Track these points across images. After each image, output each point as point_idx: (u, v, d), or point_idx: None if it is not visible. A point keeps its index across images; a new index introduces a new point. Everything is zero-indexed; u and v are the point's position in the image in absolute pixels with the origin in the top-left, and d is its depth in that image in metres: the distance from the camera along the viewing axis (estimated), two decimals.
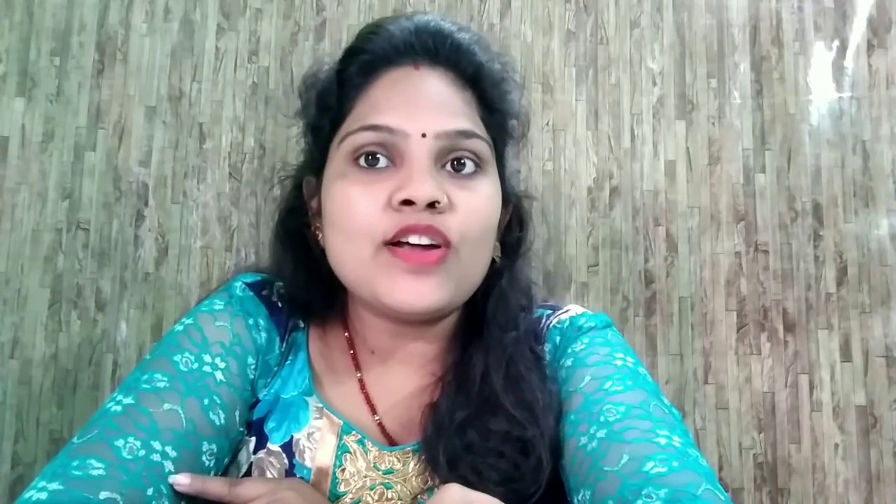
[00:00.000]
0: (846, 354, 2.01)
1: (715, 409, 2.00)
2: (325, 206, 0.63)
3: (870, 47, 2.12)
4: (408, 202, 0.57)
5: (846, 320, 2.02)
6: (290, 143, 1.88)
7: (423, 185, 0.57)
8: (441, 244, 0.59)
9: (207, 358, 0.60)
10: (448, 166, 0.61)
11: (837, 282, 2.04)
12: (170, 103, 2.03)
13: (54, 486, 0.48)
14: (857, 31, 2.13)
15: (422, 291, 0.58)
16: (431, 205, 0.57)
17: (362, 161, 0.60)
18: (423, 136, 0.58)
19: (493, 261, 0.65)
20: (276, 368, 0.66)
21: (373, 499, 0.61)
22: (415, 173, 0.58)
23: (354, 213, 0.59)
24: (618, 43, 2.14)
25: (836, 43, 2.13)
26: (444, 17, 0.67)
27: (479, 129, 0.62)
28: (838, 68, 2.12)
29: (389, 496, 0.61)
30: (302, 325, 0.69)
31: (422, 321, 0.63)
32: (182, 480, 0.54)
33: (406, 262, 0.58)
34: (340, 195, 0.60)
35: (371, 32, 0.65)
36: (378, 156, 0.59)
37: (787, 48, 2.13)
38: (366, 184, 0.59)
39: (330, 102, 0.64)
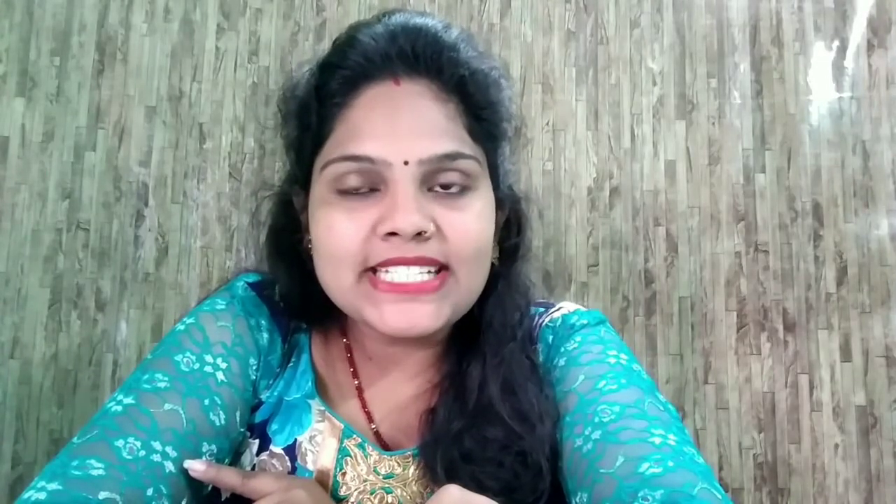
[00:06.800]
0: (846, 354, 2.01)
1: (715, 409, 2.00)
2: (311, 231, 0.62)
3: (870, 47, 2.12)
4: (393, 233, 0.56)
5: (846, 320, 2.02)
6: None
7: (408, 216, 0.55)
8: (436, 269, 0.58)
9: (209, 358, 0.60)
10: (436, 187, 0.58)
11: (837, 282, 2.04)
12: (170, 103, 2.03)
13: (53, 486, 0.48)
14: (857, 31, 2.13)
15: (413, 318, 0.57)
16: (418, 234, 0.56)
17: (345, 187, 0.58)
18: (406, 163, 0.56)
19: (492, 263, 0.64)
20: (278, 370, 0.66)
21: (373, 503, 0.61)
22: (399, 202, 0.56)
23: (338, 242, 0.58)
24: (618, 43, 2.14)
25: (836, 43, 2.13)
26: (425, 15, 0.63)
27: (466, 146, 0.59)
28: (838, 68, 2.12)
29: (390, 500, 0.61)
30: (304, 326, 0.69)
31: None
32: (197, 467, 0.54)
33: (397, 293, 0.57)
34: (324, 222, 0.58)
35: (346, 44, 0.61)
36: (362, 182, 0.58)
37: (787, 48, 2.13)
38: (349, 211, 0.58)
39: (310, 121, 0.61)
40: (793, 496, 1.96)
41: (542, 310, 0.70)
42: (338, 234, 0.58)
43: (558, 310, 0.69)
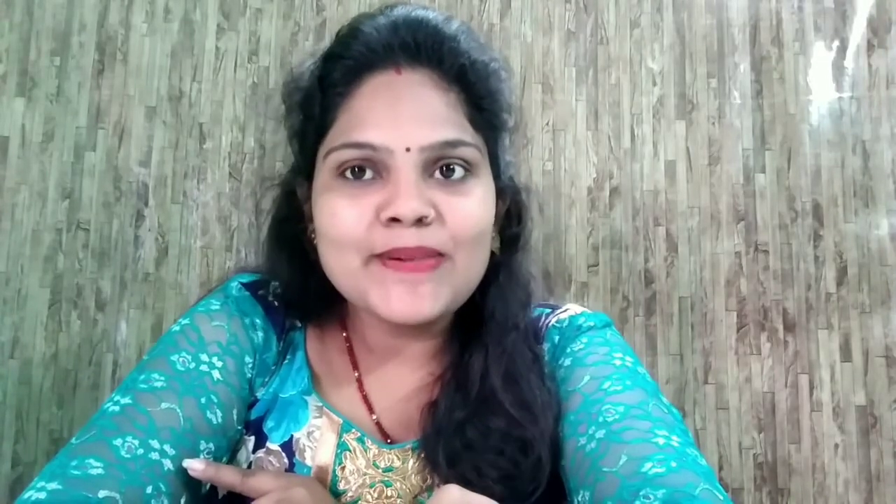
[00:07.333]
0: (846, 354, 2.01)
1: (715, 409, 2.00)
2: (315, 217, 0.63)
3: (870, 47, 2.12)
4: (395, 219, 0.57)
5: (846, 320, 2.02)
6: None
7: (409, 202, 0.56)
8: (433, 257, 0.59)
9: (204, 357, 0.60)
10: (437, 173, 0.59)
11: (837, 282, 2.04)
12: (170, 103, 2.04)
13: (53, 485, 0.48)
14: (857, 31, 2.13)
15: (416, 302, 0.58)
16: (419, 220, 0.57)
17: (348, 174, 0.59)
18: (408, 150, 0.57)
19: (493, 253, 0.65)
20: (273, 367, 0.66)
21: (372, 497, 0.61)
22: (401, 189, 0.57)
23: (342, 227, 0.58)
24: (618, 43, 2.14)
25: (836, 43, 2.13)
26: (427, 7, 0.64)
27: (467, 134, 0.60)
28: (838, 68, 2.12)
29: (389, 494, 0.61)
30: (299, 324, 0.69)
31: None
32: (196, 466, 0.54)
33: (398, 272, 0.58)
34: (328, 208, 0.59)
35: (349, 35, 0.63)
36: (364, 168, 0.59)
37: (787, 48, 2.13)
38: (353, 197, 0.59)
39: (313, 111, 0.63)
40: (793, 496, 1.96)
41: (548, 311, 0.71)
42: (341, 220, 0.59)
43: (565, 311, 0.70)
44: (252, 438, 0.63)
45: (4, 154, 1.96)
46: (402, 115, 0.58)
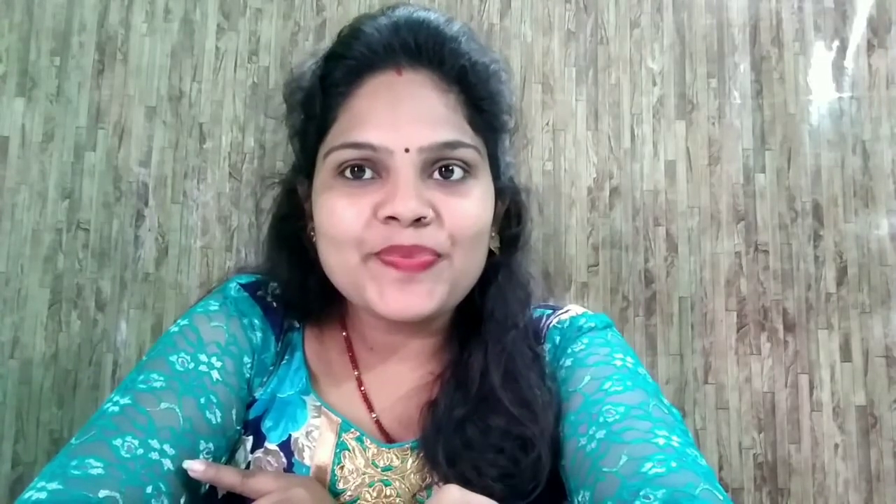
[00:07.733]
0: (846, 354, 2.01)
1: (715, 409, 2.00)
2: (314, 215, 0.63)
3: (870, 47, 2.12)
4: (393, 218, 0.57)
5: (846, 320, 2.02)
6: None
7: (408, 202, 0.56)
8: (430, 255, 0.59)
9: (203, 357, 0.61)
10: (436, 174, 0.60)
11: (837, 282, 2.04)
12: (170, 103, 2.03)
13: (53, 485, 0.48)
14: (857, 31, 2.13)
15: (411, 300, 0.58)
16: (417, 220, 0.57)
17: (348, 173, 0.59)
18: (407, 150, 0.58)
19: (492, 252, 0.66)
20: (271, 368, 0.66)
21: (371, 496, 0.61)
22: (400, 188, 0.57)
23: (341, 225, 0.59)
24: (618, 43, 2.14)
25: (836, 43, 2.13)
26: (428, 9, 0.65)
27: (466, 136, 0.61)
28: (838, 68, 2.12)
29: (388, 493, 0.61)
30: (297, 325, 0.70)
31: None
32: (197, 466, 0.54)
33: (395, 269, 0.58)
34: (327, 206, 0.60)
35: (351, 36, 0.63)
36: (364, 168, 0.60)
37: (787, 48, 2.13)
38: (352, 195, 0.59)
39: (314, 110, 0.63)
40: (793, 496, 1.96)
41: (549, 311, 0.71)
42: (339, 218, 0.59)
43: (566, 312, 0.71)
44: (250, 438, 0.63)
45: (4, 154, 1.96)
46: (401, 115, 0.59)
